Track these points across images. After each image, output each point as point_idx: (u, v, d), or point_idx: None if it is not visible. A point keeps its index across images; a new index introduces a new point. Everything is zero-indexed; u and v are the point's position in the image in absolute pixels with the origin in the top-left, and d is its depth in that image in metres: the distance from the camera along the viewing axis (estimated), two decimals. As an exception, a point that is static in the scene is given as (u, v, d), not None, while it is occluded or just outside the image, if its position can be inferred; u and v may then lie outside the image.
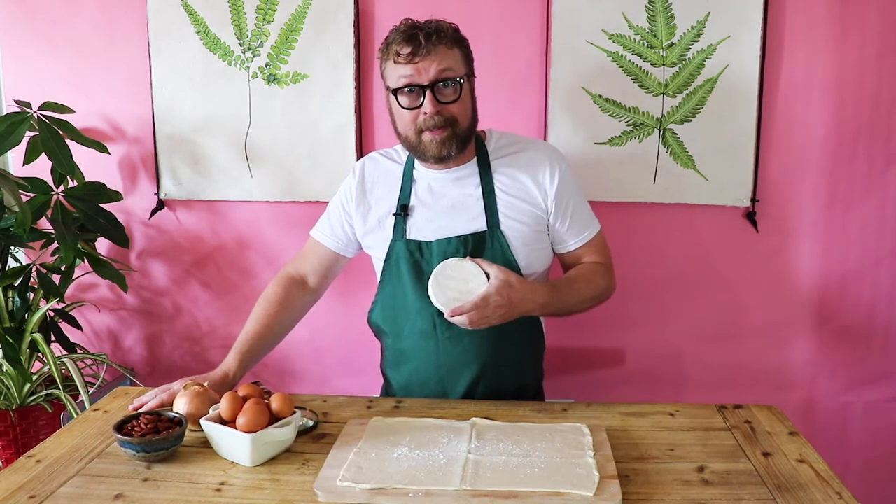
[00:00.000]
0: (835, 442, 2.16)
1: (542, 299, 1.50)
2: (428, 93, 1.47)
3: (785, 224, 2.07)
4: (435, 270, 1.46)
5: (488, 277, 1.45)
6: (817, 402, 2.16)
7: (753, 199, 2.04)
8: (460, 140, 1.52)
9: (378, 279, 1.65)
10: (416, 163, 1.62)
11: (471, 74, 1.58)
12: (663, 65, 1.99)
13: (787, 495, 1.16)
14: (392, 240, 1.59)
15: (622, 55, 1.99)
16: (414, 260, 1.56)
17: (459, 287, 1.44)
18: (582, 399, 1.65)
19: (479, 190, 1.58)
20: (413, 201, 1.60)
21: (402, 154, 1.66)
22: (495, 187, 1.58)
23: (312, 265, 1.72)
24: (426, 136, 1.51)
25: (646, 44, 1.98)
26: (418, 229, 1.58)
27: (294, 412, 1.31)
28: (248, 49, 2.07)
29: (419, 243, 1.57)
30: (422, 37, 1.46)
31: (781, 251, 2.08)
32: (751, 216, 2.06)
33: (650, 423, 1.43)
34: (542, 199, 1.58)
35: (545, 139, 2.02)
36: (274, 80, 2.08)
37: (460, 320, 1.42)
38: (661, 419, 1.45)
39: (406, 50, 1.46)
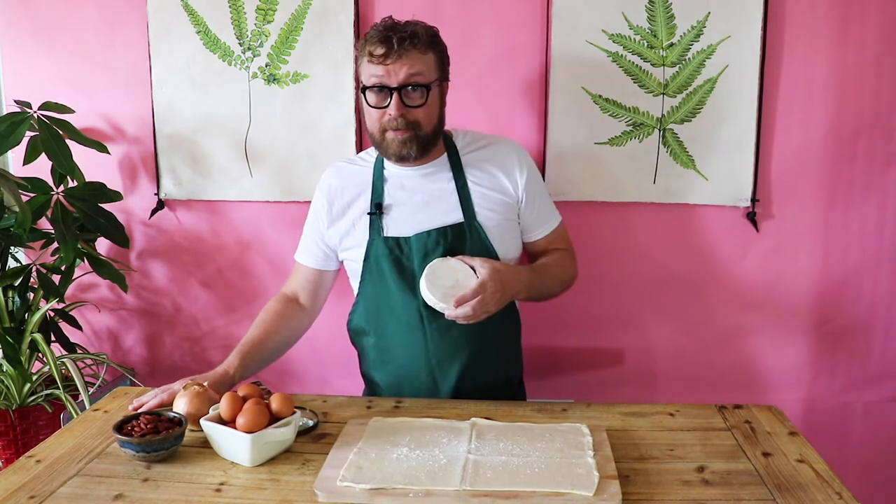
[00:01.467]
0: (835, 442, 2.16)
1: (527, 279, 1.57)
2: (395, 95, 1.51)
3: (785, 224, 2.07)
4: (424, 273, 1.49)
5: (474, 271, 1.50)
6: (817, 402, 2.16)
7: (753, 199, 2.04)
8: (422, 143, 1.56)
9: (355, 285, 1.67)
10: (386, 162, 1.65)
11: (443, 79, 1.60)
12: (663, 65, 1.99)
13: (787, 495, 1.17)
14: (369, 239, 1.61)
15: (622, 55, 1.99)
16: (394, 256, 1.59)
17: (450, 283, 1.48)
18: (582, 399, 1.65)
19: (453, 184, 1.62)
20: (387, 200, 1.63)
21: (370, 156, 1.70)
22: (468, 180, 1.62)
23: (300, 283, 1.76)
24: (389, 135, 1.55)
25: (646, 44, 1.98)
26: (395, 226, 1.60)
27: (294, 412, 1.31)
28: (248, 49, 2.07)
29: (397, 239, 1.59)
30: (395, 40, 1.48)
31: (781, 251, 2.08)
32: (751, 216, 2.06)
33: (650, 423, 1.43)
34: (514, 189, 1.64)
35: (545, 139, 2.03)
36: (274, 80, 2.08)
37: (463, 311, 1.44)
38: (661, 419, 1.45)
39: (379, 51, 1.49)
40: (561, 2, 1.97)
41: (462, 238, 1.58)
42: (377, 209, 1.61)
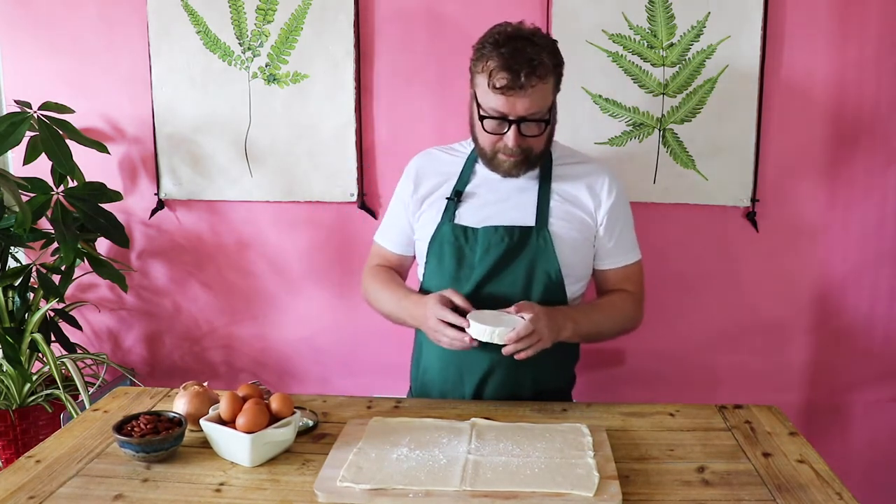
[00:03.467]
0: (835, 442, 2.16)
1: (574, 315, 1.53)
2: (514, 127, 1.48)
3: (785, 224, 2.07)
4: (468, 317, 1.44)
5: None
6: (817, 402, 2.16)
7: (753, 199, 2.04)
8: (532, 164, 1.56)
9: (420, 273, 1.65)
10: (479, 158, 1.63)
11: (558, 91, 1.55)
12: (663, 65, 1.99)
13: (787, 496, 1.16)
14: (439, 223, 1.60)
15: (622, 55, 1.99)
16: (458, 244, 1.57)
17: (493, 320, 1.44)
18: (582, 399, 1.65)
19: (536, 188, 1.59)
20: (468, 189, 1.61)
21: (465, 148, 1.68)
22: (552, 189, 1.59)
23: (383, 263, 1.74)
24: (501, 157, 1.53)
25: (646, 44, 1.98)
26: (468, 215, 1.59)
27: (294, 412, 1.31)
28: (248, 49, 2.07)
29: (465, 228, 1.57)
30: (522, 75, 1.43)
31: (781, 251, 2.08)
32: (751, 216, 2.06)
33: (650, 423, 1.43)
34: (595, 209, 1.60)
35: (545, 139, 2.03)
36: (274, 80, 2.08)
37: (525, 328, 1.40)
38: (661, 419, 1.45)
39: (502, 82, 1.44)
40: (561, 2, 1.97)
41: (527, 241, 1.55)
42: (456, 196, 1.60)
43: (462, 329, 1.42)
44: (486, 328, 1.39)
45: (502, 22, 1.53)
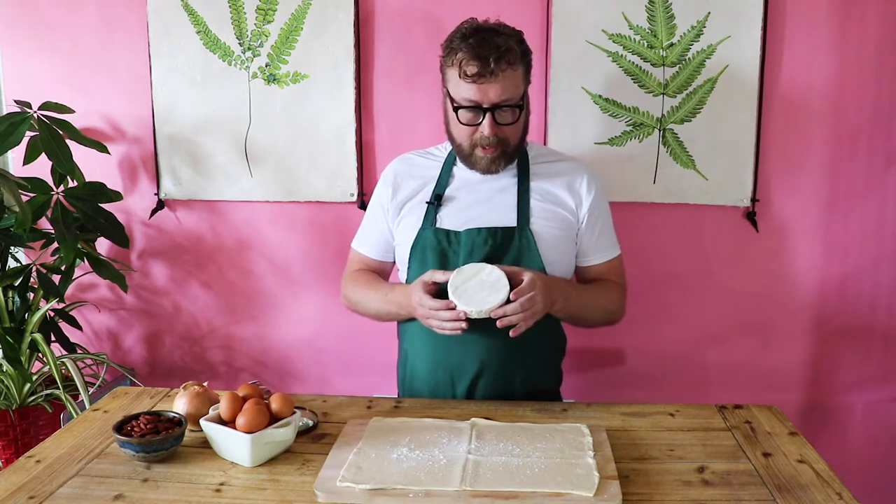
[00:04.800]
0: (835, 442, 2.16)
1: (566, 290, 1.55)
2: (488, 115, 1.50)
3: (785, 224, 2.07)
4: (450, 285, 1.44)
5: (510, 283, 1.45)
6: (817, 402, 2.16)
7: (753, 199, 2.04)
8: (509, 158, 1.58)
9: (403, 278, 1.65)
10: (457, 160, 1.64)
11: (528, 82, 1.58)
12: (663, 65, 1.99)
13: (787, 496, 1.17)
14: (420, 228, 1.60)
15: (622, 55, 1.99)
16: (441, 248, 1.58)
17: (475, 284, 1.44)
18: (582, 399, 1.65)
19: (515, 189, 1.60)
20: (448, 193, 1.62)
21: (441, 151, 1.69)
22: (531, 189, 1.60)
23: (366, 268, 1.74)
24: (479, 152, 1.55)
25: (646, 44, 1.98)
26: (449, 219, 1.59)
27: (294, 412, 1.31)
28: (248, 49, 2.07)
29: (448, 232, 1.58)
30: (492, 61, 1.46)
31: (781, 251, 2.08)
32: (751, 216, 2.06)
33: (650, 423, 1.43)
34: (576, 207, 1.62)
35: (545, 139, 2.03)
36: (274, 80, 2.08)
37: (512, 308, 1.41)
38: (661, 419, 1.45)
39: (473, 70, 1.47)
40: (561, 2, 1.97)
41: (510, 242, 1.55)
42: (436, 200, 1.60)
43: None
44: (472, 309, 1.41)
45: (467, 18, 1.55)
